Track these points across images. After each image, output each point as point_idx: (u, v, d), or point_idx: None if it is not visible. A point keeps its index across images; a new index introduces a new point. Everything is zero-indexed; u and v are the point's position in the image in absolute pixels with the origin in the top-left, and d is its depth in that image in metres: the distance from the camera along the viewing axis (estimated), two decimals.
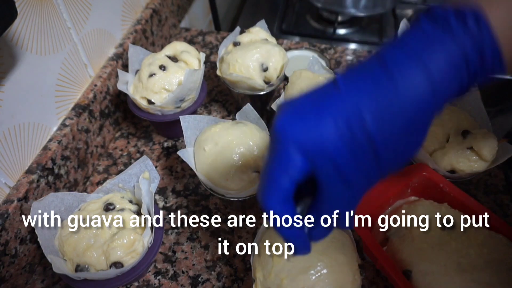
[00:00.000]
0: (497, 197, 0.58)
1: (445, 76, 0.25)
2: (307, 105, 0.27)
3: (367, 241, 0.45)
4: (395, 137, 0.25)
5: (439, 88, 0.25)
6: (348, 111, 0.25)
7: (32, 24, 0.49)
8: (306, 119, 0.26)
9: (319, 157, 0.26)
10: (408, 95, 0.25)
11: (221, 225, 0.56)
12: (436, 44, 0.25)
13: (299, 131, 0.26)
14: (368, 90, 0.25)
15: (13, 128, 0.48)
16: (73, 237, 0.44)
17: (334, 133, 0.25)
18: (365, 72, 0.26)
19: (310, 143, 0.26)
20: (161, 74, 0.59)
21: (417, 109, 0.25)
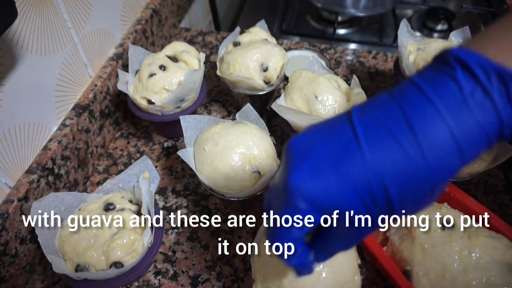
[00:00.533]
0: (497, 197, 0.58)
1: (476, 143, 0.23)
2: (325, 161, 0.25)
3: (367, 241, 0.45)
4: (415, 200, 0.25)
5: (468, 154, 0.24)
6: (371, 179, 0.24)
7: (32, 24, 0.49)
8: (324, 179, 0.25)
9: (336, 215, 0.26)
10: (435, 165, 0.23)
11: (221, 225, 0.56)
12: (473, 107, 0.23)
13: (317, 192, 0.25)
14: (394, 158, 0.24)
15: (13, 128, 0.48)
16: (73, 237, 0.44)
17: (354, 197, 0.25)
18: (390, 132, 0.24)
19: (328, 205, 0.25)
20: (161, 74, 0.59)
21: (442, 176, 0.24)
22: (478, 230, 0.44)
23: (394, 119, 0.24)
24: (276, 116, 0.70)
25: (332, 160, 0.25)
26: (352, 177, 0.24)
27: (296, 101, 0.56)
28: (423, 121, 0.23)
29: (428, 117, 0.23)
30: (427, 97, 0.24)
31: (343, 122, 0.26)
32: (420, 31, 0.98)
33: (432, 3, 1.04)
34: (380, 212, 0.25)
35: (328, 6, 0.94)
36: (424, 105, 0.24)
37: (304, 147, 0.27)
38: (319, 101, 0.54)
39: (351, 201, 0.25)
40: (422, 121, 0.23)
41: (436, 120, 0.23)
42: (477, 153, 0.24)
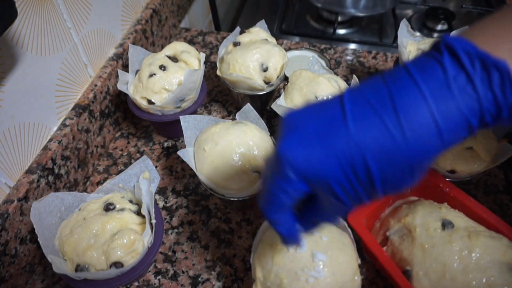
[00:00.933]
0: (497, 197, 0.58)
1: (457, 126, 0.24)
2: (313, 133, 0.27)
3: (367, 241, 0.45)
4: (394, 177, 0.26)
5: (447, 138, 0.25)
6: (352, 152, 0.25)
7: (32, 24, 0.49)
8: (310, 149, 0.27)
9: (319, 186, 0.27)
10: (414, 144, 0.25)
11: (221, 225, 0.56)
12: (455, 91, 0.24)
13: (302, 160, 0.27)
14: (375, 134, 0.25)
15: (13, 128, 0.48)
16: (73, 237, 0.44)
17: (337, 168, 0.26)
18: (376, 111, 0.25)
19: (312, 173, 0.27)
20: (161, 74, 0.59)
21: (421, 156, 0.25)
22: (478, 230, 0.44)
23: (380, 98, 0.26)
24: (276, 116, 0.70)
25: (319, 132, 0.27)
26: (335, 149, 0.26)
27: (296, 101, 0.56)
28: (406, 101, 0.25)
29: (411, 98, 0.25)
30: (413, 79, 0.25)
31: (335, 100, 0.28)
32: (420, 31, 0.98)
33: (432, 3, 1.04)
34: (361, 186, 0.27)
35: (328, 6, 0.94)
36: (409, 87, 0.25)
37: (296, 120, 0.28)
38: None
39: (333, 172, 0.26)
40: (405, 101, 0.25)
41: (419, 101, 0.24)
42: (457, 137, 0.25)
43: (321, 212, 0.31)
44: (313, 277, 0.39)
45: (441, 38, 0.26)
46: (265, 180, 0.30)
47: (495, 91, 0.23)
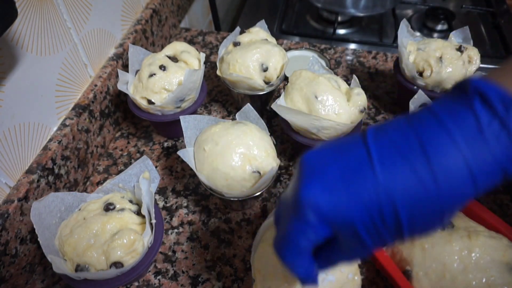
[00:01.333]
0: (497, 197, 0.58)
1: (491, 174, 0.24)
2: (337, 177, 0.26)
3: None
4: (424, 223, 0.25)
5: (482, 185, 0.24)
6: (381, 198, 0.25)
7: (32, 24, 0.49)
8: (335, 195, 0.26)
9: (343, 230, 0.26)
10: (446, 192, 0.24)
11: (221, 225, 0.56)
12: (490, 138, 0.23)
13: (326, 206, 0.26)
14: (406, 181, 0.24)
15: (13, 128, 0.48)
16: (73, 237, 0.44)
17: (363, 214, 0.25)
18: (404, 156, 0.24)
19: (337, 219, 0.26)
20: (161, 74, 0.59)
21: (453, 203, 0.24)
22: (478, 230, 0.44)
23: (409, 143, 0.25)
24: (276, 116, 0.70)
25: (344, 177, 0.26)
26: (363, 195, 0.25)
27: (296, 101, 0.56)
28: (438, 148, 0.24)
29: (443, 144, 0.24)
30: (444, 124, 0.24)
31: (358, 141, 0.27)
32: (420, 31, 0.98)
33: (432, 3, 1.04)
34: (387, 231, 0.25)
35: (328, 6, 0.94)
36: (439, 132, 0.24)
37: (317, 162, 0.27)
38: (319, 101, 0.54)
39: (360, 217, 0.25)
40: (437, 148, 0.24)
41: (451, 148, 0.24)
42: (492, 183, 0.24)
43: (341, 253, 0.29)
44: None
45: (469, 81, 0.25)
46: (283, 223, 0.29)
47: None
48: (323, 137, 0.54)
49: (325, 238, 0.28)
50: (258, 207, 0.58)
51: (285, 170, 0.63)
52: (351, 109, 0.55)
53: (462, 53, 0.62)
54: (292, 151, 0.65)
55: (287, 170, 0.63)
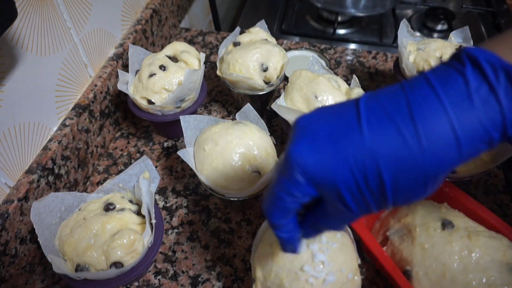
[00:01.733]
0: (497, 197, 0.58)
1: (477, 138, 0.24)
2: (325, 136, 0.26)
3: (367, 241, 0.45)
4: (407, 188, 0.25)
5: (466, 150, 0.24)
6: (365, 158, 0.25)
7: (32, 24, 0.49)
8: (321, 153, 0.26)
9: (328, 191, 0.27)
10: (430, 155, 0.24)
11: (221, 225, 0.56)
12: (477, 102, 0.23)
13: (313, 164, 0.26)
14: (391, 142, 0.24)
15: (13, 128, 0.48)
16: (73, 237, 0.44)
17: (347, 174, 0.25)
18: (392, 119, 0.25)
19: (322, 177, 0.26)
20: (161, 74, 0.59)
21: (437, 168, 0.24)
22: (478, 230, 0.44)
23: (397, 106, 0.25)
24: (276, 116, 0.70)
25: (331, 137, 0.26)
26: (348, 154, 0.25)
27: (296, 101, 0.56)
28: (425, 111, 0.24)
29: (430, 107, 0.24)
30: (433, 88, 0.24)
31: (351, 105, 0.27)
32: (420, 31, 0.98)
33: (432, 3, 1.04)
34: (371, 194, 0.26)
35: (328, 6, 0.94)
36: (428, 96, 0.24)
37: (308, 123, 0.28)
38: (319, 101, 0.54)
39: (344, 177, 0.26)
40: (424, 110, 0.24)
41: (438, 111, 0.24)
42: (476, 150, 0.24)
43: (326, 219, 0.30)
44: (313, 277, 0.39)
45: (462, 49, 0.25)
46: (272, 183, 0.30)
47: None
48: None
49: (311, 199, 0.28)
50: (258, 207, 0.58)
51: None
52: None
53: None
54: None
55: None
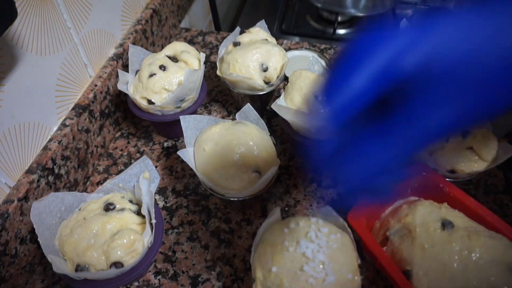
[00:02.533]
0: (497, 197, 0.58)
1: None
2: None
3: (367, 241, 0.45)
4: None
5: None
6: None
7: (32, 24, 0.49)
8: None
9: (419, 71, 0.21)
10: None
11: (221, 225, 0.56)
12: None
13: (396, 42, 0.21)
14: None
15: (13, 128, 0.48)
16: (73, 237, 0.44)
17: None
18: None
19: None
20: (161, 74, 0.59)
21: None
22: (478, 230, 0.44)
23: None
24: (276, 116, 0.70)
25: None
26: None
27: (296, 101, 0.56)
28: None
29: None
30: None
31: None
32: None
33: (432, 3, 1.04)
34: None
35: (328, 6, 0.94)
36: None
37: None
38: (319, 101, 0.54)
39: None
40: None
41: None
42: None
43: (398, 126, 0.22)
44: (313, 277, 0.39)
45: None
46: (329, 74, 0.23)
47: None
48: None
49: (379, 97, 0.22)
50: (258, 207, 0.58)
51: (285, 170, 0.63)
52: None
53: None
54: (292, 151, 0.65)
55: (287, 170, 0.63)
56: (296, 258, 0.40)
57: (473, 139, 0.51)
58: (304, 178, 0.62)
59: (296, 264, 0.40)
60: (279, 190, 0.60)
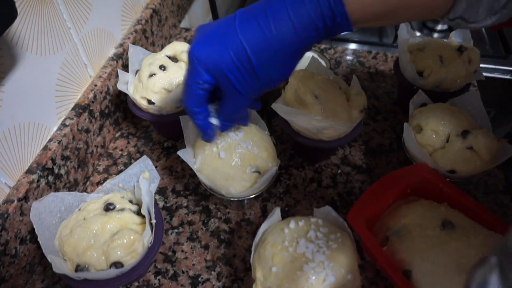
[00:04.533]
0: (497, 197, 0.58)
1: (306, 26, 0.35)
2: (213, 37, 0.37)
3: (367, 241, 0.45)
4: (269, 65, 0.37)
5: (301, 34, 0.35)
6: (238, 46, 0.36)
7: (32, 24, 0.49)
8: (211, 48, 0.37)
9: (219, 75, 0.37)
10: (279, 38, 0.35)
11: (221, 225, 0.56)
12: (307, 2, 0.34)
13: (205, 55, 0.37)
14: (254, 32, 0.36)
15: (13, 128, 0.48)
16: (73, 237, 0.44)
17: (229, 59, 0.36)
18: (255, 17, 0.36)
19: (213, 65, 0.37)
20: (161, 74, 0.59)
21: (284, 48, 0.36)
22: (478, 230, 0.44)
23: (259, 8, 0.36)
24: (276, 116, 0.70)
25: (217, 36, 0.37)
26: (227, 44, 0.36)
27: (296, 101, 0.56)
28: (274, 9, 0.35)
29: (278, 8, 0.35)
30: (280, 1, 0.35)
31: (231, 16, 0.38)
32: (420, 31, 0.98)
33: None
34: (247, 73, 0.37)
35: None
36: (279, 2, 0.35)
37: (202, 30, 0.39)
38: (319, 101, 0.54)
39: (226, 61, 0.36)
40: (275, 10, 0.35)
41: (282, 8, 0.35)
42: (309, 35, 0.35)
43: (226, 105, 0.41)
44: (313, 277, 0.39)
45: None
46: (184, 80, 0.40)
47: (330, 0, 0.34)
48: (323, 137, 0.54)
49: (211, 87, 0.39)
50: (258, 207, 0.58)
51: (285, 170, 0.63)
52: (351, 109, 0.55)
53: (462, 53, 0.61)
54: (292, 151, 0.65)
55: (287, 170, 0.63)
56: (296, 258, 0.40)
57: (473, 139, 0.51)
58: (304, 178, 0.62)
59: (296, 264, 0.40)
60: (279, 190, 0.60)
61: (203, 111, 0.42)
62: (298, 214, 0.57)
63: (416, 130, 0.56)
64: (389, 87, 0.75)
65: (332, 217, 0.45)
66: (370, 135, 0.68)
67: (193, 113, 0.42)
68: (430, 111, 0.55)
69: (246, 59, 0.36)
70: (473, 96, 0.57)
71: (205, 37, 0.37)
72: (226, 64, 0.36)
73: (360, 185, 0.61)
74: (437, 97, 0.60)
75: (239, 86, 0.38)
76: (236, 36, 0.36)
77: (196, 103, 0.41)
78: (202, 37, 0.38)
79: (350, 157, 0.64)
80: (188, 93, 0.40)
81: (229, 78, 0.37)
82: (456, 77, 0.61)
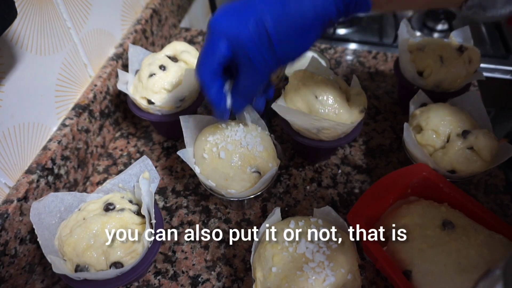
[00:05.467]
0: (497, 197, 0.58)
1: (326, 1, 0.36)
2: (234, 9, 0.38)
3: (367, 241, 0.45)
4: (287, 38, 0.37)
5: (321, 10, 0.37)
6: (257, 16, 0.37)
7: (32, 24, 0.49)
8: (232, 19, 0.38)
9: (237, 47, 0.38)
10: (299, 12, 0.36)
11: (221, 225, 0.56)
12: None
13: (226, 26, 0.38)
14: (274, 6, 0.37)
15: (13, 128, 0.48)
16: (73, 237, 0.44)
17: (247, 30, 0.37)
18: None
19: (233, 35, 0.38)
20: (161, 74, 0.59)
21: (304, 23, 0.37)
22: (478, 230, 0.44)
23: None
24: (276, 116, 0.70)
25: (239, 8, 0.38)
26: (248, 17, 0.37)
27: (296, 101, 0.56)
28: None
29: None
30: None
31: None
32: (420, 31, 0.98)
33: None
34: (264, 47, 0.37)
35: None
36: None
37: (224, 5, 0.39)
38: (319, 101, 0.54)
39: (246, 33, 0.37)
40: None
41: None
42: (329, 10, 0.37)
43: (241, 79, 0.41)
44: (313, 277, 0.39)
45: None
46: (201, 51, 0.41)
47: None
48: (323, 137, 0.54)
49: (227, 60, 0.39)
50: (258, 207, 0.58)
51: (285, 170, 0.63)
52: (351, 109, 0.55)
53: (463, 53, 0.61)
54: (292, 151, 0.65)
55: (287, 170, 0.63)
56: (296, 258, 0.40)
57: (473, 139, 0.51)
58: (304, 178, 0.62)
59: (296, 264, 0.40)
60: (279, 190, 0.60)
61: (217, 83, 0.42)
62: (298, 214, 0.57)
63: (416, 130, 0.56)
64: (389, 87, 0.75)
65: (332, 217, 0.45)
66: (370, 135, 0.67)
67: (206, 85, 0.41)
68: (430, 111, 0.55)
69: (264, 32, 0.36)
70: (474, 96, 0.57)
71: (226, 9, 0.38)
72: (246, 35, 0.37)
73: (360, 185, 0.60)
74: (437, 97, 0.60)
75: (255, 59, 0.38)
76: (257, 9, 0.37)
77: (210, 74, 0.40)
78: (223, 10, 0.39)
79: (350, 157, 0.64)
80: (202, 64, 0.40)
81: (246, 50, 0.37)
82: (456, 77, 0.61)
